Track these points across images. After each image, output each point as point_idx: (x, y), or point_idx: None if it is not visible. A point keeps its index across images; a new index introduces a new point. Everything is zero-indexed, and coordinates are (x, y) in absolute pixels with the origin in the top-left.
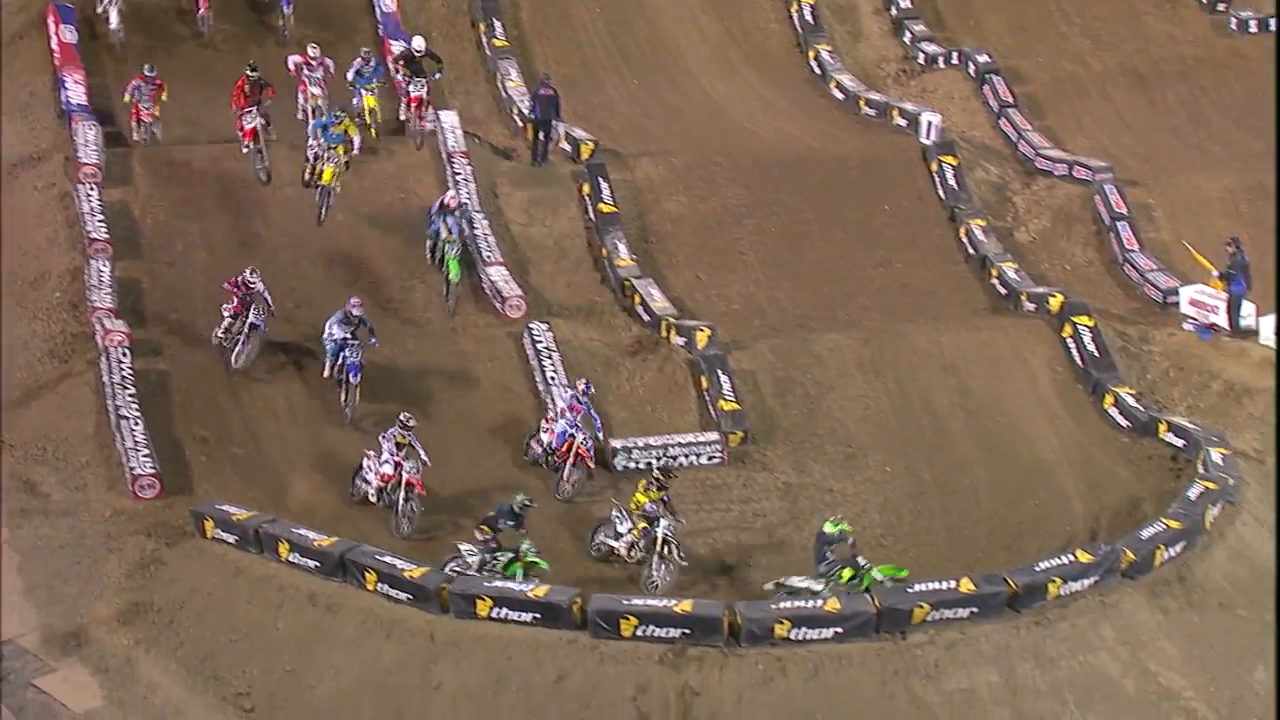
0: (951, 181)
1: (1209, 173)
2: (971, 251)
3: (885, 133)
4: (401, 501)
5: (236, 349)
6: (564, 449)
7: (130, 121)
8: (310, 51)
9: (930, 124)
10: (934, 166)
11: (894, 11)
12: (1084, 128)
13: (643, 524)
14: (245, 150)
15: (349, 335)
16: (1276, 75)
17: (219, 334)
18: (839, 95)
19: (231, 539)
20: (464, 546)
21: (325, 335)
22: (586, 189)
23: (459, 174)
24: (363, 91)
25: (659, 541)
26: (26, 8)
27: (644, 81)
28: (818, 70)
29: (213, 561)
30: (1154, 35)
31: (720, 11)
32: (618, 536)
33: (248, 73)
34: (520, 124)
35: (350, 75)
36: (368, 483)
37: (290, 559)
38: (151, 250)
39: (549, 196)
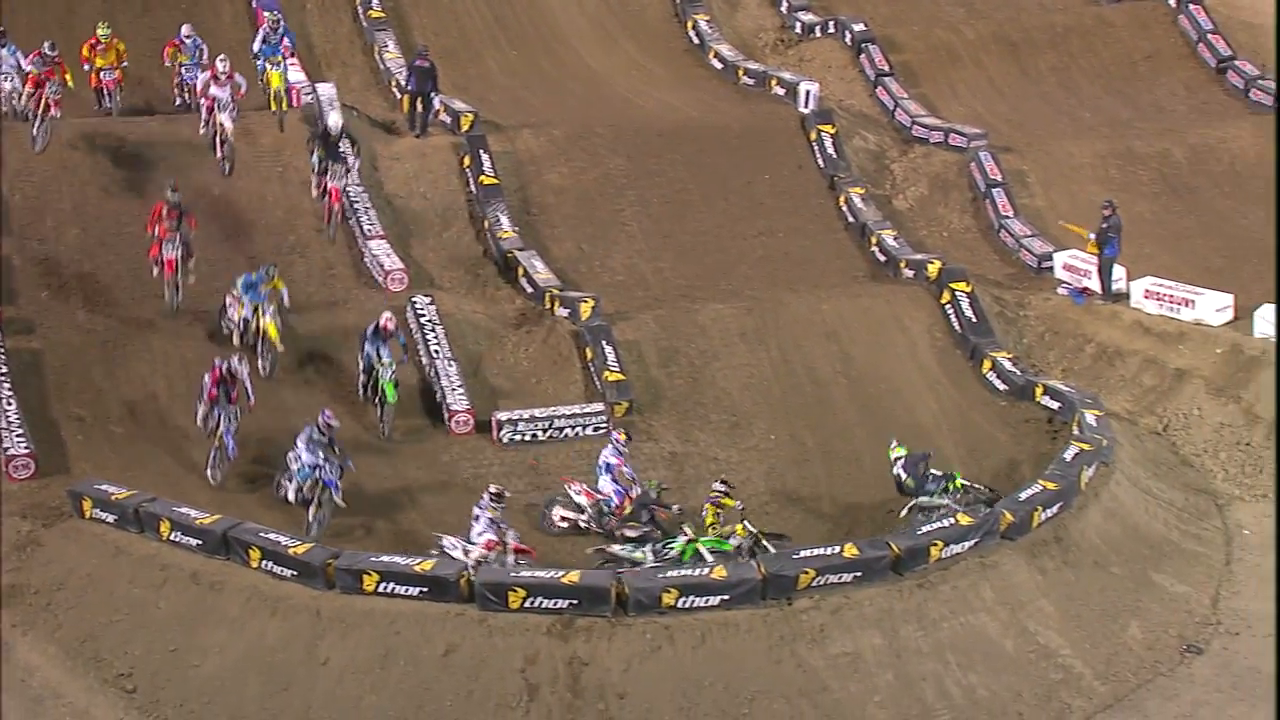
0: (830, 150)
1: (1080, 139)
2: (851, 219)
3: (764, 102)
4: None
5: (211, 456)
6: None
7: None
8: (219, 65)
9: (808, 93)
10: (813, 135)
11: None
12: (958, 95)
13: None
14: (154, 275)
15: (321, 459)
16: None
17: (198, 421)
18: (718, 65)
19: (111, 519)
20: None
21: (292, 459)
22: (467, 161)
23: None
24: (267, 65)
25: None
26: None
27: (522, 53)
28: (696, 40)
29: (91, 542)
30: (1025, 4)
31: None
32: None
33: (167, 194)
34: (398, 96)
35: (256, 46)
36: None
37: (172, 538)
38: (21, 228)
39: (429, 169)
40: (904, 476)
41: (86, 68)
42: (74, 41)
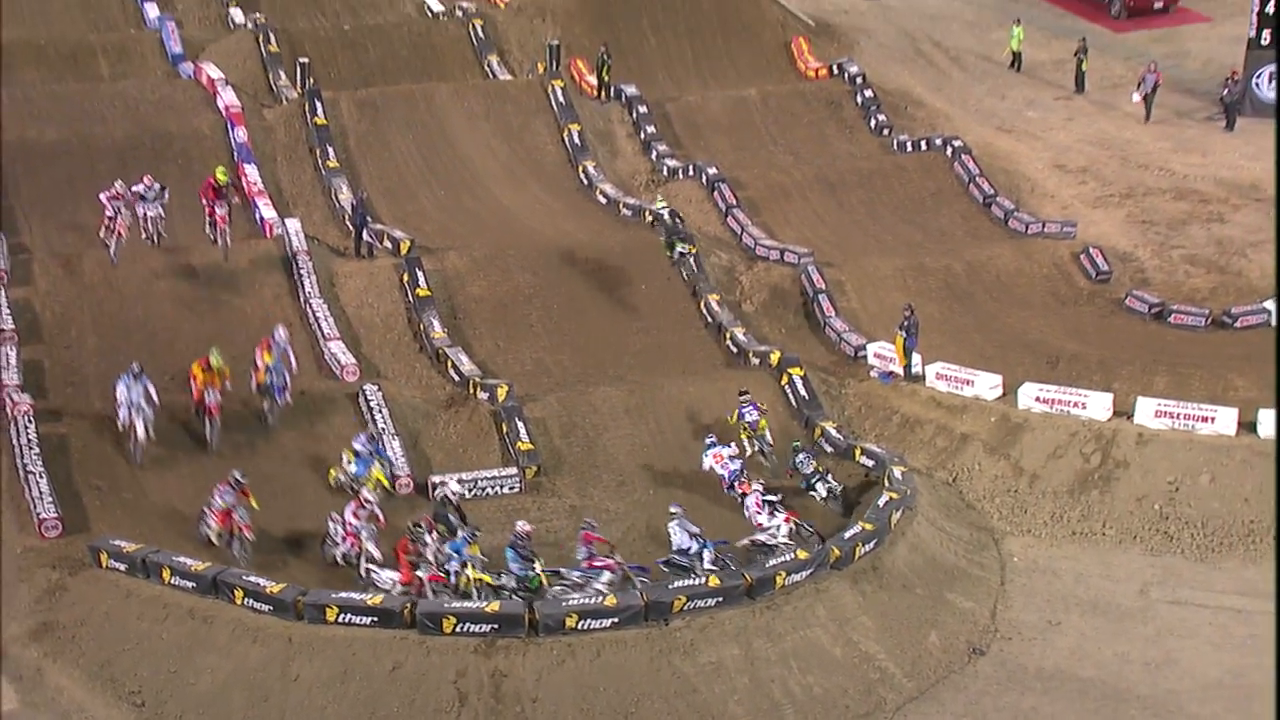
0: (693, 265)
1: (884, 256)
2: (709, 320)
3: (640, 229)
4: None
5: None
6: None
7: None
8: (364, 495)
9: (677, 221)
10: (674, 255)
11: (643, 135)
12: (791, 223)
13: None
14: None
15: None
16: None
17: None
18: (603, 200)
19: (122, 567)
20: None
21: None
22: (406, 277)
23: (303, 269)
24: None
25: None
26: None
27: (449, 193)
28: (586, 181)
29: (107, 586)
30: (838, 153)
31: (508, 137)
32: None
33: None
34: (349, 228)
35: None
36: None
37: (172, 582)
38: (51, 337)
39: (376, 284)
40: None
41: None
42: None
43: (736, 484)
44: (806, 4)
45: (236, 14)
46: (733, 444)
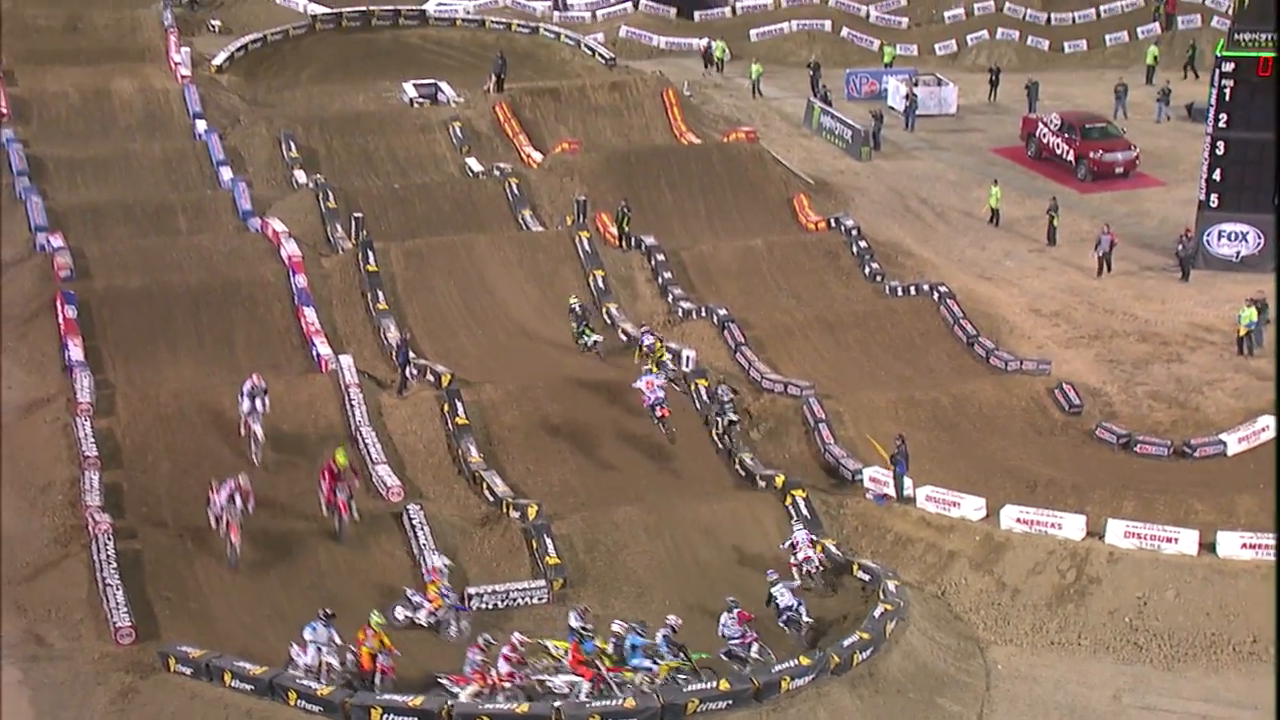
0: (705, 396)
1: (878, 390)
2: (720, 446)
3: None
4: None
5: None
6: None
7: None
8: (517, 638)
9: (688, 357)
10: (692, 387)
11: (660, 280)
12: (793, 359)
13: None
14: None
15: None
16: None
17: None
18: (624, 339)
19: (188, 671)
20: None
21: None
22: (446, 407)
23: (353, 400)
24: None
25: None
26: (41, 294)
27: (486, 332)
28: (609, 321)
29: (175, 689)
30: (836, 297)
31: (539, 282)
32: (415, 609)
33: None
34: (396, 363)
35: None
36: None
37: (232, 685)
38: (129, 462)
39: (419, 414)
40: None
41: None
42: None
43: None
44: (807, 165)
45: (300, 175)
46: None
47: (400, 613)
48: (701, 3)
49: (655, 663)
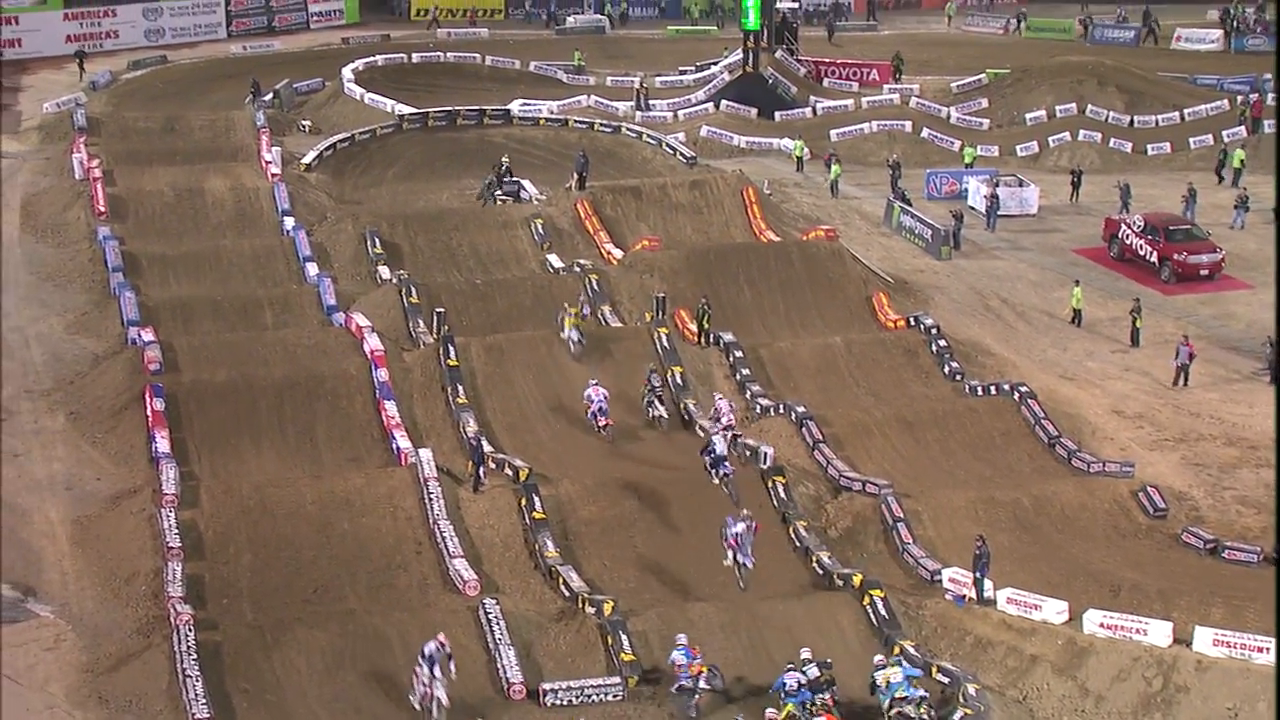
0: (782, 494)
1: (957, 489)
2: (798, 544)
3: (733, 463)
4: None
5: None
6: None
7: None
8: None
9: (766, 454)
10: (769, 484)
11: (739, 377)
12: (871, 457)
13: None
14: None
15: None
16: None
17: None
18: (700, 434)
19: None
20: None
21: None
22: (523, 501)
23: (432, 494)
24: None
25: None
26: (131, 387)
27: (564, 426)
28: (686, 417)
29: None
30: (915, 396)
31: (618, 378)
32: None
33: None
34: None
35: None
36: None
37: None
38: (211, 554)
39: (497, 508)
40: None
41: None
42: None
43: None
44: (886, 263)
45: (383, 270)
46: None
47: None
48: (781, 103)
49: None
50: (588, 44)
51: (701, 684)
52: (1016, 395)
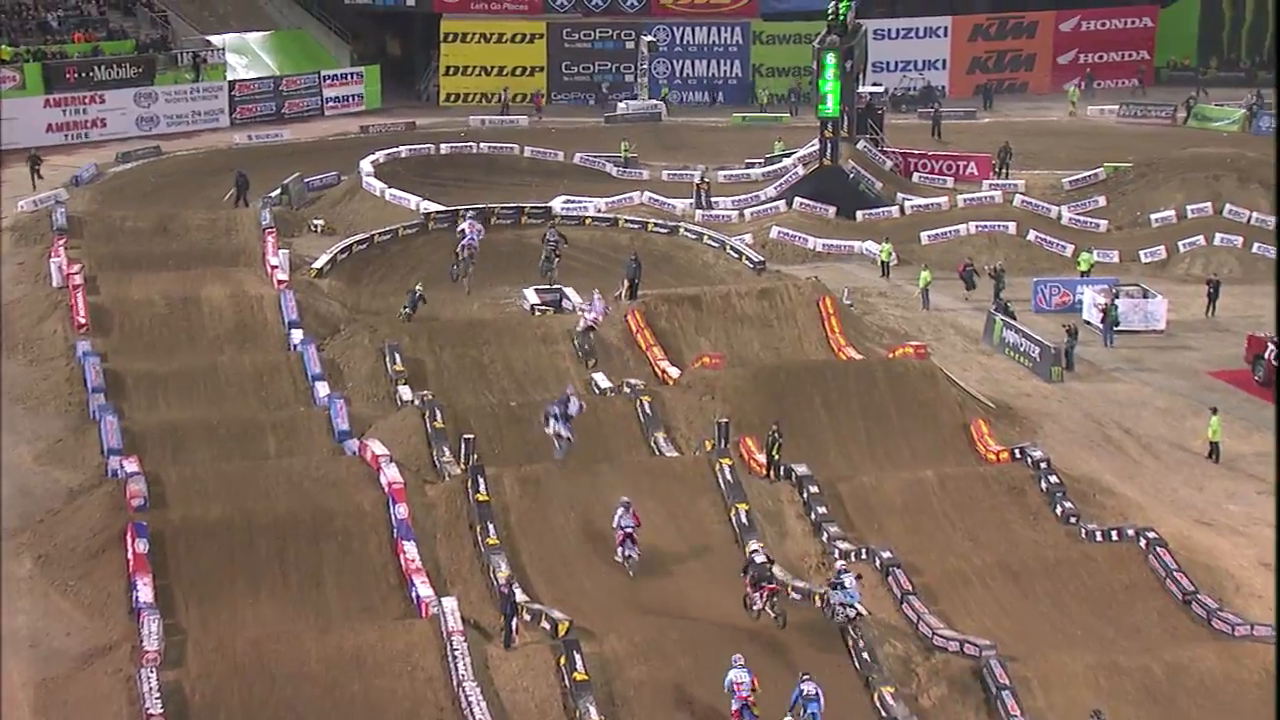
0: (865, 655)
1: (1072, 652)
2: (884, 714)
3: (811, 611)
4: None
5: None
6: None
7: None
8: None
9: (844, 604)
10: (849, 641)
11: (813, 516)
12: (970, 612)
13: None
14: None
15: None
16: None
17: None
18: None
19: None
20: None
21: None
22: (563, 660)
23: (457, 651)
24: None
25: None
26: (110, 526)
27: (609, 571)
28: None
29: None
30: (1021, 539)
31: (673, 515)
32: None
33: None
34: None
35: None
36: None
37: None
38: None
39: (531, 667)
40: None
41: None
42: None
43: None
44: (986, 386)
45: (404, 391)
46: None
47: None
48: (864, 201)
49: None
50: (640, 133)
51: None
52: (1143, 542)
